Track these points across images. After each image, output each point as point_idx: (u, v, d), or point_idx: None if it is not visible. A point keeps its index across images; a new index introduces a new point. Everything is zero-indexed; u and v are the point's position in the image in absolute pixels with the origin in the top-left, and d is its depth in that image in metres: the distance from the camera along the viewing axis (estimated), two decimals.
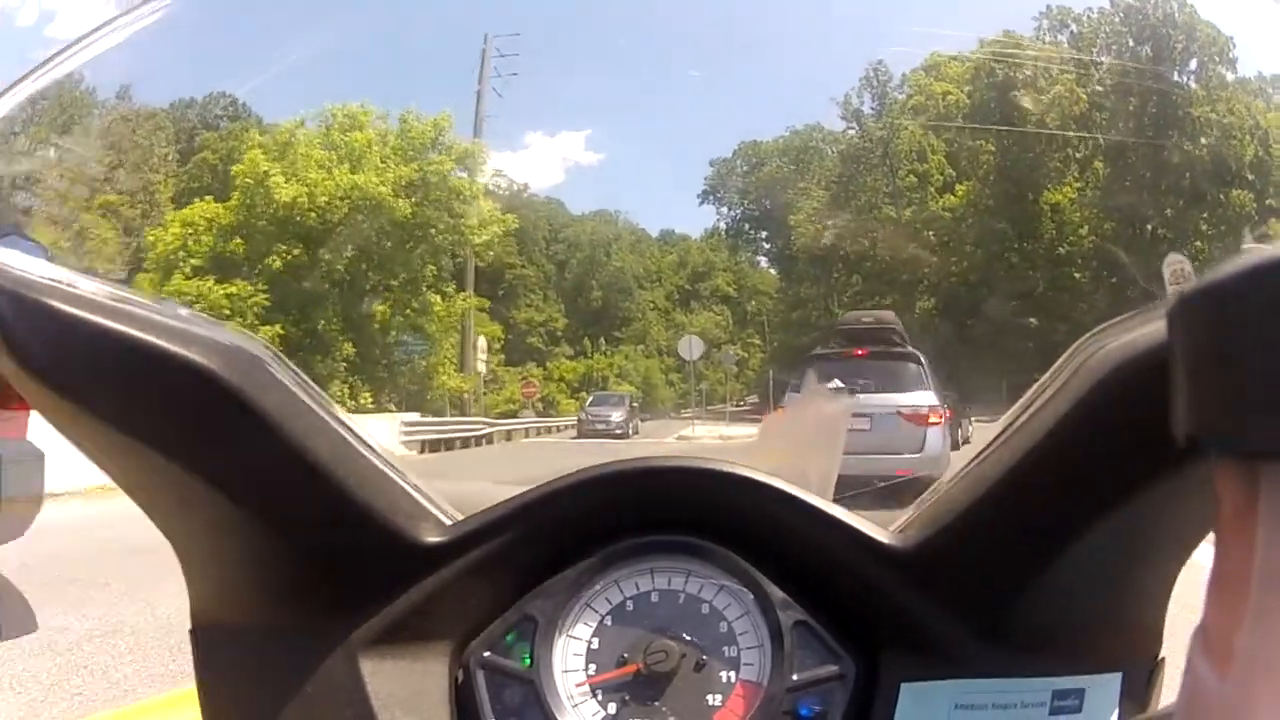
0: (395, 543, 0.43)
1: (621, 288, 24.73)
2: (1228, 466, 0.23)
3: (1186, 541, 0.41)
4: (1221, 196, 21.88)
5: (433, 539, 0.44)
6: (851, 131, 23.75)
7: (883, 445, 5.78)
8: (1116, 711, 0.42)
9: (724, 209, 25.21)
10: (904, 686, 0.42)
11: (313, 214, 17.99)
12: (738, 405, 22.80)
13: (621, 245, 25.12)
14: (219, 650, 0.45)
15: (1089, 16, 23.27)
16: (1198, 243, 21.49)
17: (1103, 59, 22.87)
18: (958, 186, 22.74)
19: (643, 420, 20.58)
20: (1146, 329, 0.34)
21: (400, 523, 0.43)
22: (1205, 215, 21.76)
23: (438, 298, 19.92)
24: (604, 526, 0.45)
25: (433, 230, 19.31)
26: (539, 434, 19.75)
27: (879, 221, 22.81)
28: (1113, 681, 0.42)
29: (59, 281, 0.38)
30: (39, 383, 0.37)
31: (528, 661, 0.43)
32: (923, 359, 7.15)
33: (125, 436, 0.39)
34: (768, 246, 25.24)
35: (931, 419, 6.62)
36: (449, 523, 0.45)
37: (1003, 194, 22.43)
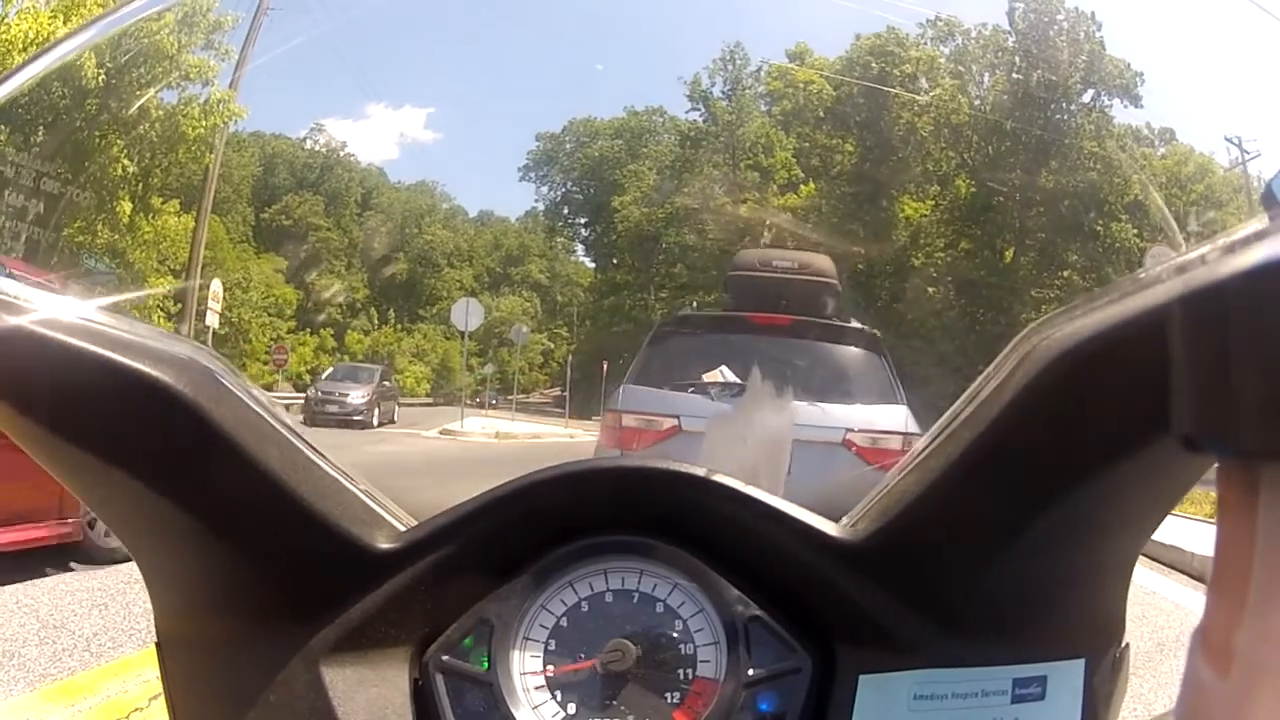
0: (350, 550, 0.43)
1: (430, 263, 21.67)
2: (1228, 467, 0.23)
3: (1141, 527, 0.41)
4: (1100, 228, 19.57)
5: (386, 545, 0.44)
6: (696, 115, 21.22)
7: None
8: (1081, 698, 0.42)
9: (544, 189, 22.35)
10: (862, 679, 0.42)
11: None
12: (528, 396, 19.65)
13: (435, 218, 22.26)
14: (184, 662, 0.46)
15: (980, 32, 21.22)
16: (1064, 272, 18.98)
17: (984, 75, 20.83)
18: (803, 187, 20.11)
19: (431, 405, 16.82)
20: (1091, 318, 0.33)
21: (355, 530, 0.44)
22: (1078, 245, 19.30)
23: (129, 207, 14.54)
24: (557, 529, 0.45)
25: (129, 112, 14.26)
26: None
27: (711, 212, 19.99)
28: (1075, 668, 0.42)
29: (17, 298, 0.39)
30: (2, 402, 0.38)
31: (486, 664, 0.43)
32: (881, 343, 4.31)
33: (88, 455, 0.40)
34: (586, 233, 22.37)
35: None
36: (402, 529, 0.45)
37: (854, 196, 19.88)
